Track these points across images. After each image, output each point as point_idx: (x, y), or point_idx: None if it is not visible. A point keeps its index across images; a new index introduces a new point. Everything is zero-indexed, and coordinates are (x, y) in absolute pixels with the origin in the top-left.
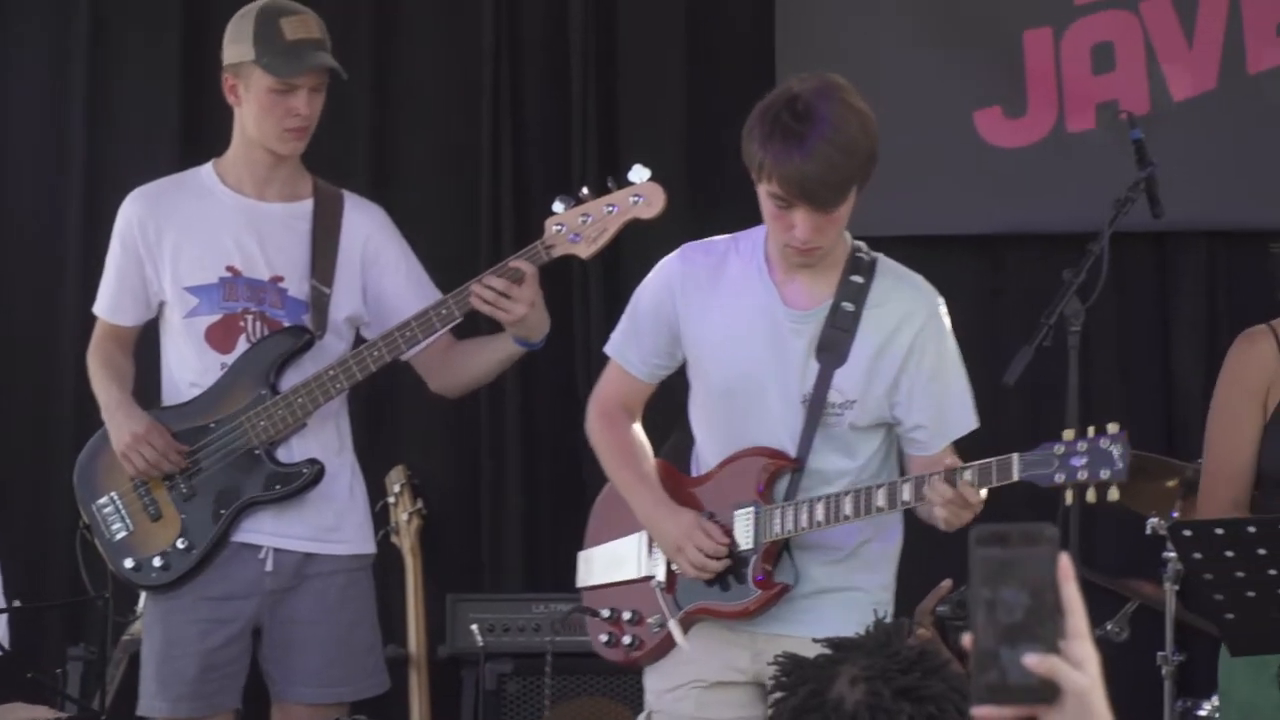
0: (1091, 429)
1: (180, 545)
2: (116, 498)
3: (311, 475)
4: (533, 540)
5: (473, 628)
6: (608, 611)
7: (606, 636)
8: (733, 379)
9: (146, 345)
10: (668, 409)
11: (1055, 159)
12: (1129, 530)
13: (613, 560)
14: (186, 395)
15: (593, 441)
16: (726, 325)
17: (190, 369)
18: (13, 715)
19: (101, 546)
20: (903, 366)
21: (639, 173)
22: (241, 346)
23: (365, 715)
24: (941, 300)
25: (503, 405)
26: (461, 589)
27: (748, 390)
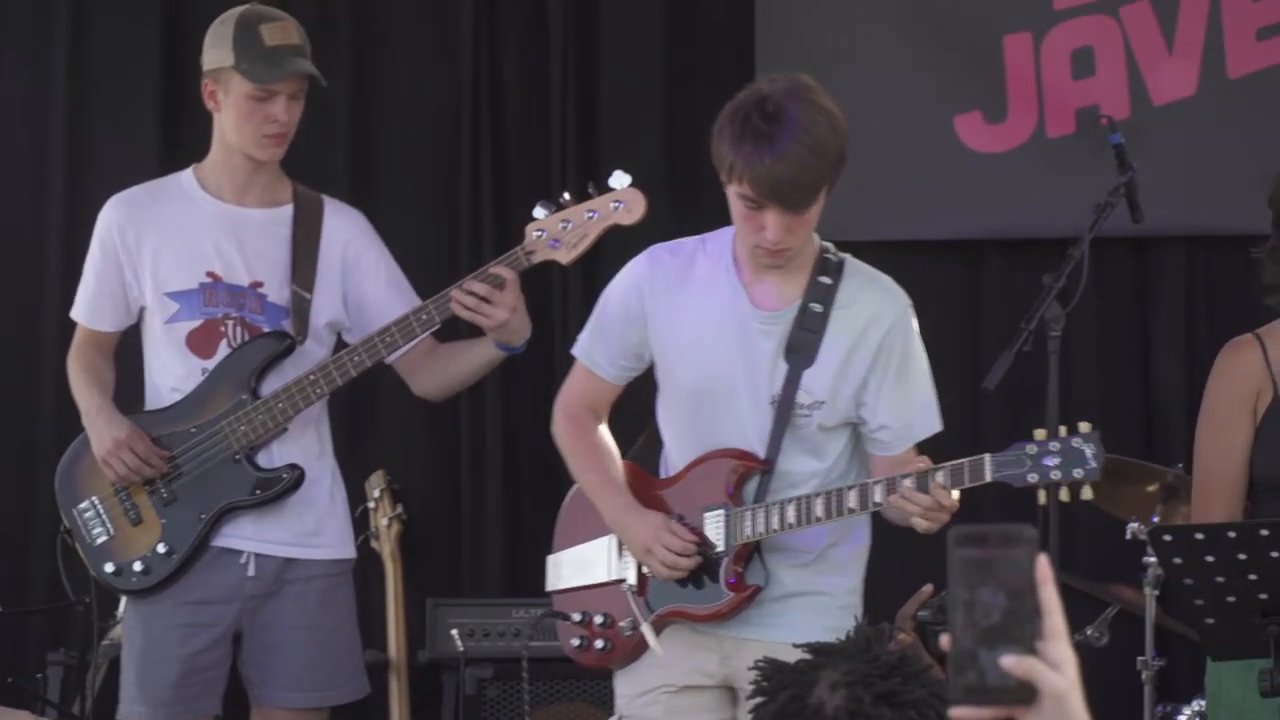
0: (1063, 428)
1: (161, 550)
2: (97, 502)
3: (292, 480)
4: (513, 545)
5: (453, 632)
6: (579, 615)
7: (578, 640)
8: (701, 380)
9: (129, 350)
10: (636, 411)
11: (1035, 164)
12: (1109, 535)
13: (582, 564)
14: (168, 400)
15: (559, 444)
16: (694, 326)
17: (171, 374)
18: None
19: (82, 551)
20: (871, 367)
21: (620, 178)
22: (222, 352)
23: None
24: (909, 302)
25: (482, 410)
26: (442, 594)
27: (716, 391)
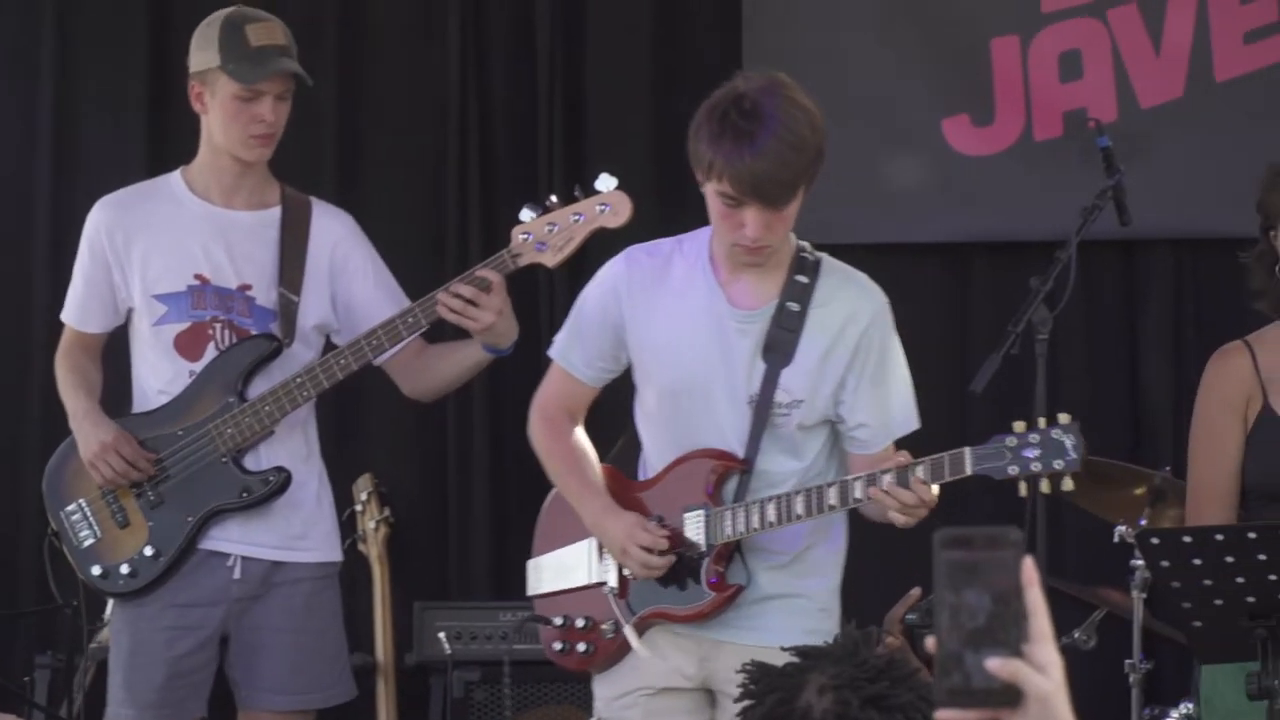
0: (1042, 420)
1: (148, 553)
2: (85, 505)
3: (279, 483)
4: (500, 548)
5: (440, 635)
6: (560, 619)
7: (561, 645)
8: (678, 380)
9: (117, 353)
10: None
11: (1023, 167)
12: (1097, 538)
13: (562, 567)
14: (155, 403)
15: (536, 447)
16: (671, 326)
17: (159, 377)
18: None
19: (69, 553)
20: (849, 365)
21: (606, 181)
22: (210, 354)
23: None
24: (886, 300)
25: (469, 413)
26: (429, 597)
27: (693, 392)
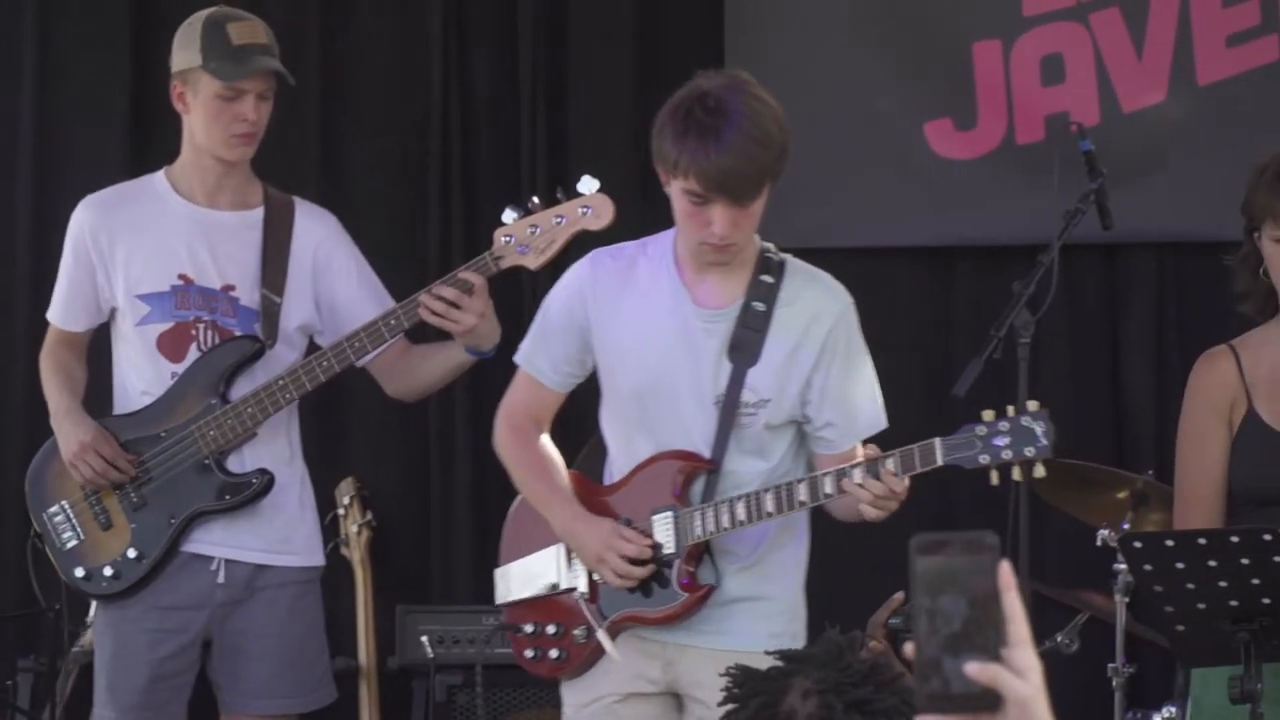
0: (1010, 408)
1: (131, 554)
2: (67, 506)
3: (261, 485)
4: (482, 552)
5: (423, 639)
6: (531, 626)
7: (533, 652)
8: (644, 382)
9: (101, 353)
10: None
11: (1005, 171)
12: (1079, 541)
13: (531, 575)
14: (138, 403)
15: (502, 455)
16: (637, 328)
17: (142, 377)
18: None
19: (52, 555)
20: (815, 365)
21: (588, 184)
22: (193, 355)
23: None
24: (851, 299)
25: (452, 416)
26: (411, 600)
27: (659, 392)
